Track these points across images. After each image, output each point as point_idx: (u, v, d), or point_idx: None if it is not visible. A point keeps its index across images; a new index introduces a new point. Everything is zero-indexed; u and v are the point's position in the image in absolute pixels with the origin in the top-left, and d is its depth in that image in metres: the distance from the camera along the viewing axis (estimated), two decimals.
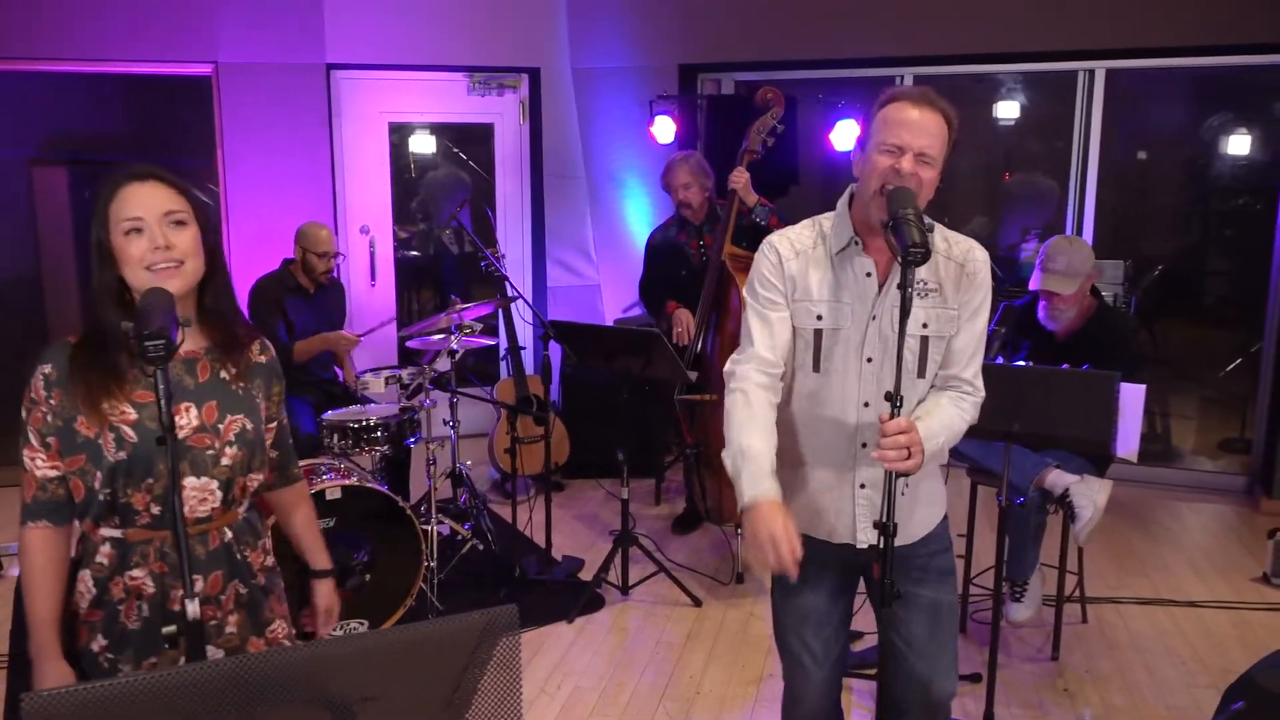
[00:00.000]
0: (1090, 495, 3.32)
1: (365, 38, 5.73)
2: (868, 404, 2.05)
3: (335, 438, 3.85)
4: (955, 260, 2.05)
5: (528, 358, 5.63)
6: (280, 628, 1.94)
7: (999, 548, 3.05)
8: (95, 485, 1.71)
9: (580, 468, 5.42)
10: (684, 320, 4.46)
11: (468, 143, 6.45)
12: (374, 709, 1.27)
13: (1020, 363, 3.53)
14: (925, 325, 2.04)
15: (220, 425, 1.78)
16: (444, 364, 4.16)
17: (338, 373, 4.73)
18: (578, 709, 3.26)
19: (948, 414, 2.06)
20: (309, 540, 2.09)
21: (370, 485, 3.56)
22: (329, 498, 3.41)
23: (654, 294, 4.73)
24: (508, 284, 4.85)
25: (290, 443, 2.05)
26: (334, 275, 4.65)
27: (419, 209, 6.70)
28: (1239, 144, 6.35)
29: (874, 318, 2.03)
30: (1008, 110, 6.88)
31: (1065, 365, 3.11)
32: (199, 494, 1.76)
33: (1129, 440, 3.10)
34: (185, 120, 5.96)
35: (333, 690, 1.26)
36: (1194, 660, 3.55)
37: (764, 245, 2.12)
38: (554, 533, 4.44)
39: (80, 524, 1.77)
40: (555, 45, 6.04)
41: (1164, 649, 3.64)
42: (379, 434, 3.89)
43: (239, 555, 1.84)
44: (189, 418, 1.76)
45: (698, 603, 3.99)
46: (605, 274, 6.25)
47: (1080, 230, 5.48)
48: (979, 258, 2.07)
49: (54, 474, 1.73)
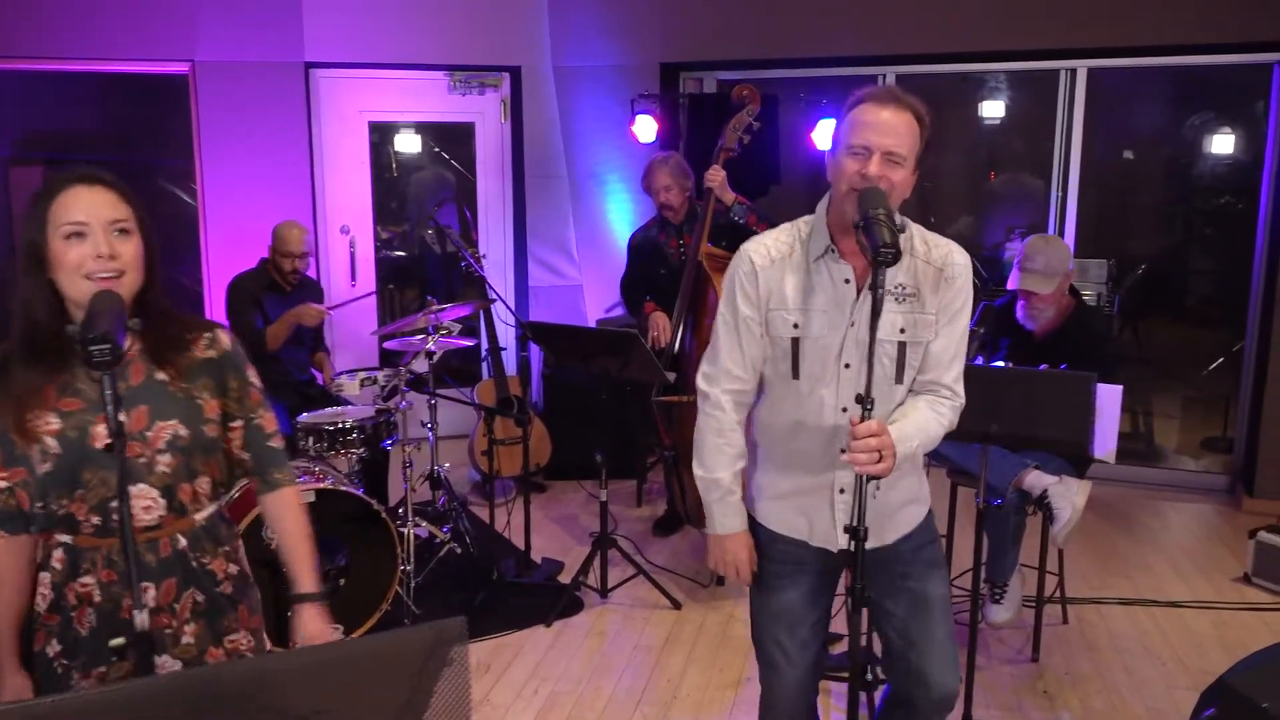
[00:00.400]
0: (1069, 496, 3.31)
1: (344, 36, 5.68)
2: (846, 409, 2.04)
3: (310, 440, 3.82)
4: (934, 265, 2.03)
5: (509, 358, 5.60)
6: (244, 638, 1.86)
7: (977, 549, 3.04)
8: (33, 496, 1.68)
9: (562, 469, 5.39)
10: (660, 324, 4.44)
11: (449, 142, 6.41)
12: None
13: (999, 362, 3.53)
14: (902, 330, 2.02)
15: (148, 433, 1.71)
16: (421, 365, 4.13)
17: (315, 375, 4.70)
18: (554, 713, 3.24)
19: (923, 417, 2.05)
20: (294, 556, 1.89)
21: (345, 489, 3.52)
22: (303, 502, 3.37)
23: (634, 294, 4.71)
24: (486, 285, 4.83)
25: (270, 445, 1.90)
26: (308, 274, 4.64)
27: (400, 208, 6.66)
28: (1221, 143, 6.36)
29: (852, 324, 2.01)
30: (992, 110, 6.88)
31: (1043, 365, 3.10)
32: (140, 501, 1.71)
33: (1106, 441, 3.10)
34: (163, 119, 5.91)
35: (284, 703, 1.24)
36: (1174, 661, 3.55)
37: (739, 254, 2.12)
38: (534, 535, 4.42)
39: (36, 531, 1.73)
40: (536, 44, 6.00)
41: (1144, 650, 3.63)
42: (354, 436, 3.86)
43: (195, 563, 1.79)
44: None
45: (677, 605, 3.96)
46: (587, 274, 6.21)
47: (1063, 230, 5.47)
48: (958, 261, 2.05)
49: (3, 484, 1.69)
